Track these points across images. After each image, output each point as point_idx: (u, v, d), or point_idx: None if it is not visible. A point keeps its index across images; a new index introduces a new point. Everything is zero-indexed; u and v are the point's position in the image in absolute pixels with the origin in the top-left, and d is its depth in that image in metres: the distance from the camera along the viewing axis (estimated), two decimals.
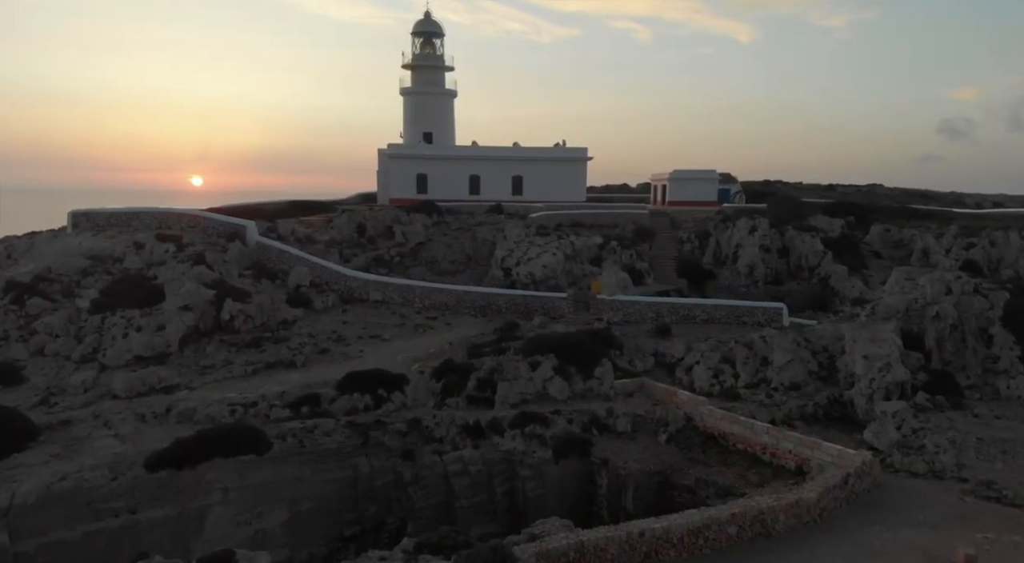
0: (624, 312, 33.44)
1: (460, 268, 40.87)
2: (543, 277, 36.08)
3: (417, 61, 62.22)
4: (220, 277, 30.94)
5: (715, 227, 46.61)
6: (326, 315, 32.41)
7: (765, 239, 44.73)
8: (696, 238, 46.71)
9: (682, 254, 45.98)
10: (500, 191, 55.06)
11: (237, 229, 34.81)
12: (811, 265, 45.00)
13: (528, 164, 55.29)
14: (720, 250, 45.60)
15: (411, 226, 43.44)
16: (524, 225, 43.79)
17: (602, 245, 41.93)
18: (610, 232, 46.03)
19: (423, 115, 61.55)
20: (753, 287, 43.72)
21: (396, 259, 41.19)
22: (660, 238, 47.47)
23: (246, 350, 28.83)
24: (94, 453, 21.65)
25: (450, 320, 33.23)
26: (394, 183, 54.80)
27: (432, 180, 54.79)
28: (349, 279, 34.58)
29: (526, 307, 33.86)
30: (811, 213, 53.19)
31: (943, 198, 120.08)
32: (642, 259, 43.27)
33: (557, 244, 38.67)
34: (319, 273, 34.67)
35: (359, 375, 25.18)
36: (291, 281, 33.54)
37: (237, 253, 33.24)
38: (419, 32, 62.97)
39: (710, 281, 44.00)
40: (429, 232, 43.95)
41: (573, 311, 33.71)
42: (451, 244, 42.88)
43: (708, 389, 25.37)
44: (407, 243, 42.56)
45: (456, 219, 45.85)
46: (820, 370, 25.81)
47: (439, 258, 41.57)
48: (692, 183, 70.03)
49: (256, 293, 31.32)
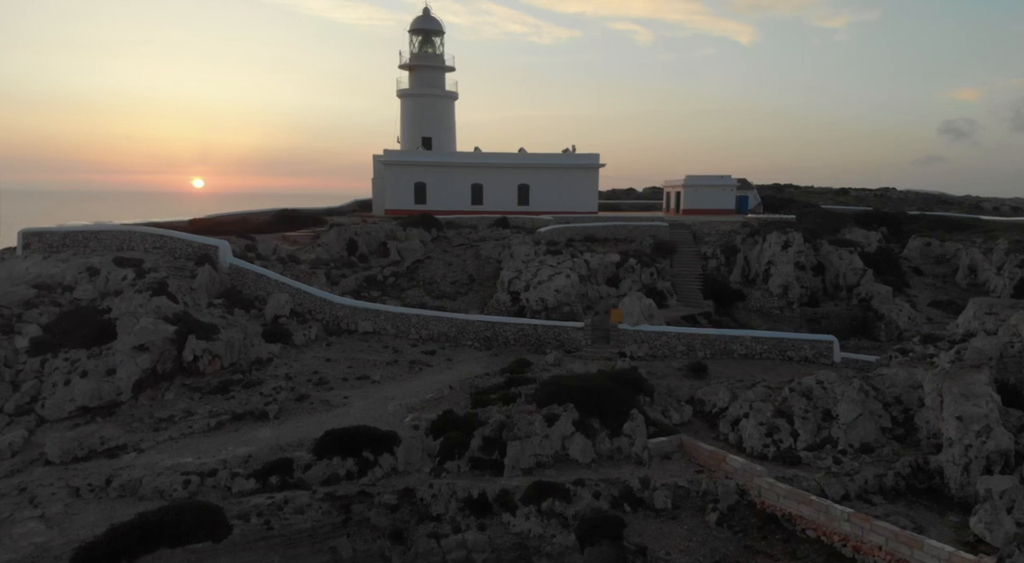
0: (650, 345, 29.16)
1: (462, 290, 36.63)
2: (556, 303, 31.80)
3: (415, 61, 58.06)
4: (184, 309, 26.68)
5: (743, 242, 42.32)
6: (308, 351, 28.15)
7: (800, 256, 40.43)
8: (722, 253, 42.43)
9: (707, 271, 41.70)
10: (505, 201, 50.82)
11: (208, 250, 30.57)
12: (849, 284, 40.70)
13: (535, 172, 51.05)
14: (749, 267, 41.31)
15: (407, 242, 39.21)
16: (532, 241, 39.55)
17: (619, 263, 37.66)
18: (627, 247, 41.78)
19: (422, 119, 57.38)
20: (787, 309, 39.45)
21: (391, 280, 36.95)
22: (682, 254, 43.19)
23: (211, 397, 24.59)
24: (11, 544, 17.43)
25: (451, 354, 28.96)
26: (390, 193, 50.57)
27: (431, 189, 50.57)
28: (335, 307, 30.34)
29: (537, 339, 29.61)
30: (844, 225, 48.92)
31: (959, 202, 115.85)
32: (663, 278, 39.00)
33: (570, 264, 34.40)
34: (301, 300, 30.43)
35: (340, 434, 20.91)
36: (268, 311, 29.28)
37: (207, 279, 28.99)
38: (417, 30, 58.81)
39: (739, 302, 39.72)
40: (427, 249, 39.73)
41: (591, 343, 29.44)
42: (452, 262, 38.66)
43: (761, 450, 21.07)
44: (403, 261, 38.34)
45: (457, 234, 41.62)
46: (895, 427, 21.48)
47: (438, 278, 37.33)
48: (708, 190, 65.88)
49: (226, 327, 27.07)
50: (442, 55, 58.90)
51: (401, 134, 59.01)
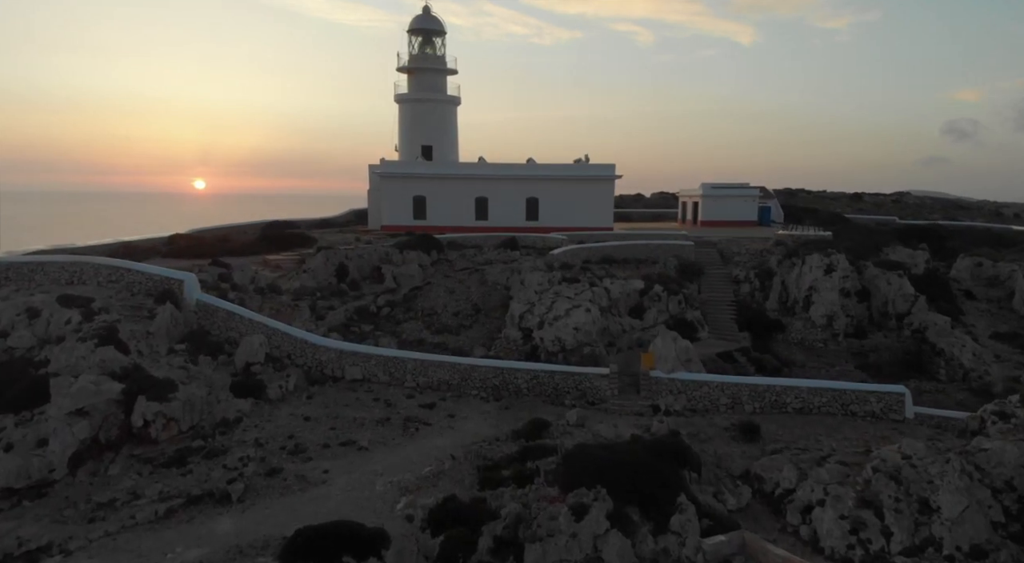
0: (688, 396, 24.84)
1: (465, 322, 32.33)
2: (575, 344, 27.48)
3: (415, 63, 53.86)
4: (135, 362, 22.38)
5: (779, 264, 37.99)
6: (284, 406, 23.84)
7: (846, 281, 36.11)
8: (756, 277, 38.10)
9: (739, 297, 37.40)
10: (512, 216, 46.56)
11: (171, 285, 26.27)
12: (899, 312, 36.38)
13: (545, 185, 46.75)
14: (787, 293, 36.98)
15: (404, 267, 34.92)
16: (545, 265, 35.27)
17: (643, 291, 33.35)
18: (649, 271, 37.48)
19: (422, 125, 53.16)
20: (832, 341, 35.14)
21: (385, 310, 32.67)
22: (710, 276, 38.89)
23: (164, 472, 20.30)
24: None
25: (453, 407, 24.66)
26: (387, 207, 46.31)
27: (432, 204, 46.30)
28: (319, 350, 26.06)
29: (554, 388, 25.31)
30: (886, 242, 44.59)
31: (978, 207, 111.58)
32: (692, 306, 34.70)
33: (589, 294, 30.09)
34: (279, 342, 26.15)
35: (315, 534, 16.61)
36: (239, 357, 24.98)
37: (167, 320, 24.69)
38: (417, 30, 54.59)
39: (778, 334, 35.42)
40: (427, 274, 35.44)
41: (618, 393, 25.13)
42: (454, 289, 34.36)
43: (845, 553, 16.76)
44: (399, 288, 34.06)
45: (460, 256, 37.33)
46: (1008, 521, 17.17)
47: (439, 309, 33.04)
48: (729, 201, 61.74)
49: (188, 380, 22.77)
50: (443, 57, 54.70)
51: (399, 142, 54.80)
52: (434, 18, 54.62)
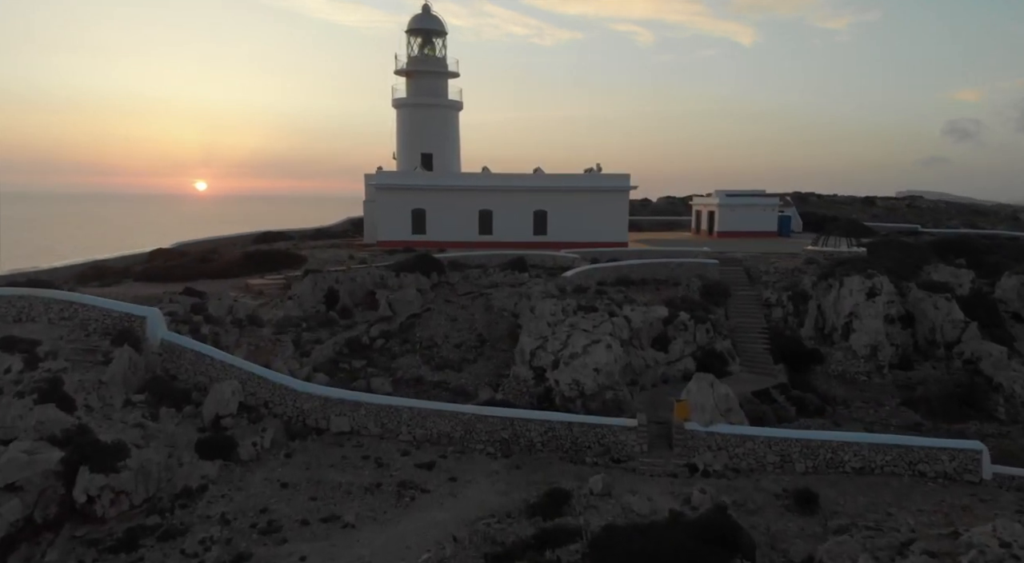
0: (730, 453, 21.41)
1: (469, 355, 28.93)
2: (596, 388, 24.04)
3: (413, 65, 50.51)
4: (80, 422, 19.01)
5: (814, 286, 34.53)
6: (258, 469, 20.44)
7: (891, 307, 32.67)
8: (788, 300, 34.62)
9: (771, 323, 33.94)
10: (518, 231, 43.19)
11: (131, 323, 22.89)
12: (948, 340, 32.94)
13: (554, 197, 43.35)
14: (824, 319, 33.53)
15: (401, 292, 31.53)
16: (556, 287, 31.88)
17: (668, 319, 29.94)
18: (671, 294, 34.08)
19: (421, 132, 49.80)
20: (876, 374, 31.69)
21: (379, 342, 29.30)
22: (737, 299, 35.45)
23: (111, 558, 16.92)
24: None
25: (455, 467, 21.26)
26: (383, 221, 42.94)
27: (432, 217, 42.93)
28: (300, 397, 22.66)
29: (573, 442, 21.89)
30: (926, 259, 41.09)
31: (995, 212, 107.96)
32: (721, 334, 31.29)
33: (609, 326, 26.67)
34: (255, 387, 22.75)
35: None
36: (208, 409, 21.59)
37: (124, 367, 21.31)
38: (416, 30, 51.24)
39: (816, 366, 31.96)
40: (426, 299, 32.04)
41: (648, 449, 21.69)
42: (456, 317, 30.97)
43: None
44: (395, 316, 30.66)
45: (463, 279, 33.93)
46: None
47: (439, 340, 29.63)
48: (747, 210, 58.33)
49: (144, 441, 19.40)
50: (444, 59, 51.35)
51: (397, 149, 51.47)
52: (434, 17, 51.28)
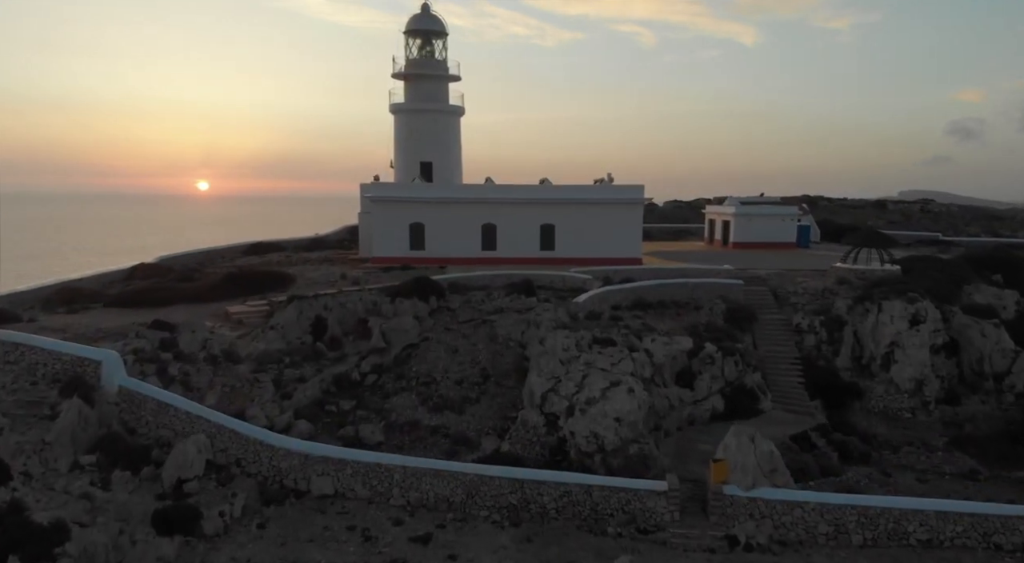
0: (775, 521, 18.31)
1: (472, 393, 25.86)
2: (618, 442, 20.92)
3: (412, 68, 47.46)
4: (15, 496, 15.94)
5: (849, 311, 31.44)
6: (225, 546, 17.35)
7: (937, 336, 29.59)
8: (821, 326, 31.50)
9: (803, 352, 30.83)
10: (524, 246, 40.14)
11: (83, 369, 19.87)
12: (997, 371, 29.89)
13: (562, 210, 40.27)
14: (862, 348, 30.44)
15: (396, 320, 28.48)
16: (567, 314, 28.81)
17: (693, 351, 26.85)
18: (694, 320, 31.03)
19: (420, 140, 46.77)
20: (922, 410, 28.62)
21: (371, 378, 26.25)
22: (765, 324, 32.36)
23: None
24: None
25: (455, 542, 18.15)
26: (379, 236, 39.89)
27: (431, 232, 39.88)
28: (277, 453, 19.59)
29: (592, 509, 18.80)
30: (965, 277, 37.94)
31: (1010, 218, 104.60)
32: (750, 366, 28.23)
33: (630, 363, 23.60)
34: (226, 443, 19.69)
35: None
36: (169, 471, 18.51)
37: (73, 423, 18.26)
38: (415, 31, 48.18)
39: (855, 401, 28.89)
40: (424, 327, 28.97)
41: (680, 517, 18.60)
42: (457, 348, 27.89)
43: None
44: (389, 348, 27.62)
45: (465, 304, 30.85)
46: None
47: (438, 375, 26.57)
48: (765, 220, 55.24)
49: (89, 520, 16.33)
50: (445, 61, 48.31)
51: (395, 157, 48.41)
52: (434, 17, 48.24)
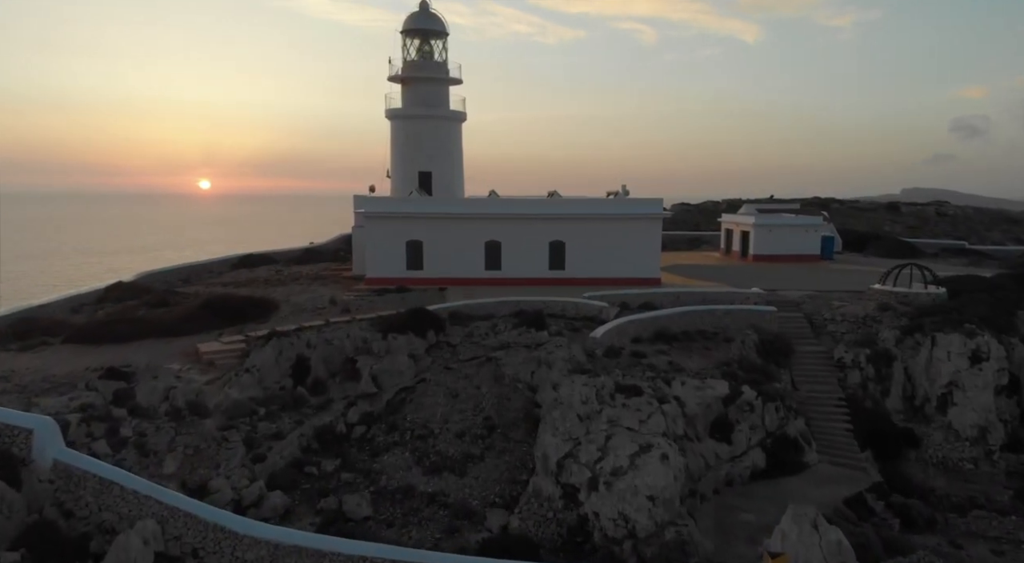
0: None
1: (475, 449, 22.47)
2: (651, 527, 17.49)
3: (410, 71, 44.14)
4: None
5: (897, 343, 28.05)
6: None
7: (1002, 376, 26.19)
8: (867, 361, 28.08)
9: (848, 390, 27.43)
10: (531, 265, 36.76)
11: (13, 439, 16.51)
12: None
13: (573, 226, 36.86)
14: (913, 387, 27.07)
15: (389, 359, 25.12)
16: (583, 351, 25.46)
17: (729, 398, 23.44)
18: (724, 354, 27.63)
19: (418, 148, 43.45)
20: (985, 461, 25.24)
21: (359, 430, 22.90)
22: (803, 358, 28.99)
23: None
24: None
25: None
26: (373, 255, 36.51)
27: (430, 250, 36.51)
28: (242, 543, 16.20)
29: None
30: (1017, 302, 34.44)
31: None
32: (792, 410, 24.81)
33: (661, 419, 20.22)
34: (181, 529, 16.32)
35: None
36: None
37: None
38: (413, 30, 44.84)
39: (911, 450, 25.51)
40: (420, 366, 25.61)
41: None
42: (458, 391, 24.52)
43: None
44: (381, 392, 24.26)
45: (467, 337, 27.48)
46: None
47: (436, 426, 23.19)
48: (787, 231, 51.89)
49: None
50: (445, 63, 44.96)
51: (392, 166, 45.09)
52: (433, 16, 44.87)
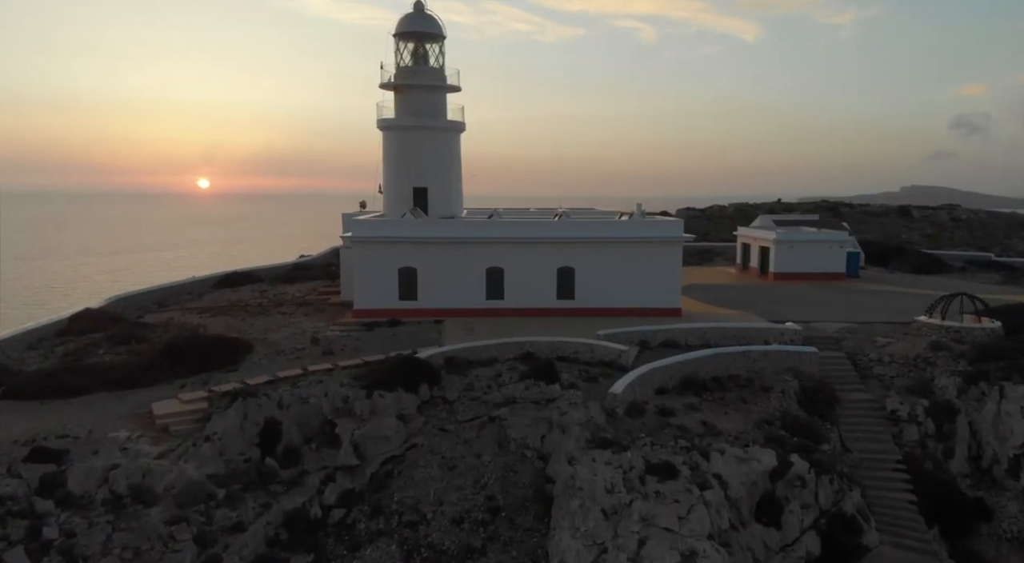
0: None
1: (475, 538, 18.84)
2: None
3: (404, 78, 40.49)
4: None
5: (960, 394, 24.42)
6: None
7: None
8: (926, 415, 24.45)
9: (904, 448, 23.79)
10: (537, 294, 33.09)
11: None
12: None
13: (584, 250, 33.16)
14: (980, 445, 23.46)
15: (374, 421, 21.50)
16: (603, 412, 21.82)
17: (776, 472, 19.82)
18: (763, 409, 23.97)
19: (413, 162, 39.84)
20: None
21: (336, 513, 19.30)
22: (850, 408, 25.36)
23: None
24: None
25: None
26: (362, 285, 32.83)
27: (426, 278, 32.84)
28: None
29: None
30: None
31: None
32: (846, 479, 21.16)
33: (702, 510, 16.65)
34: None
35: None
36: None
37: None
38: (407, 34, 41.16)
39: (982, 523, 21.90)
40: (411, 429, 21.97)
41: None
42: (455, 462, 20.89)
43: None
44: (364, 465, 20.64)
45: (465, 391, 23.77)
46: None
47: (429, 508, 19.56)
48: (811, 248, 48.34)
49: None
50: (442, 69, 41.31)
51: (384, 182, 41.45)
52: (429, 18, 41.17)
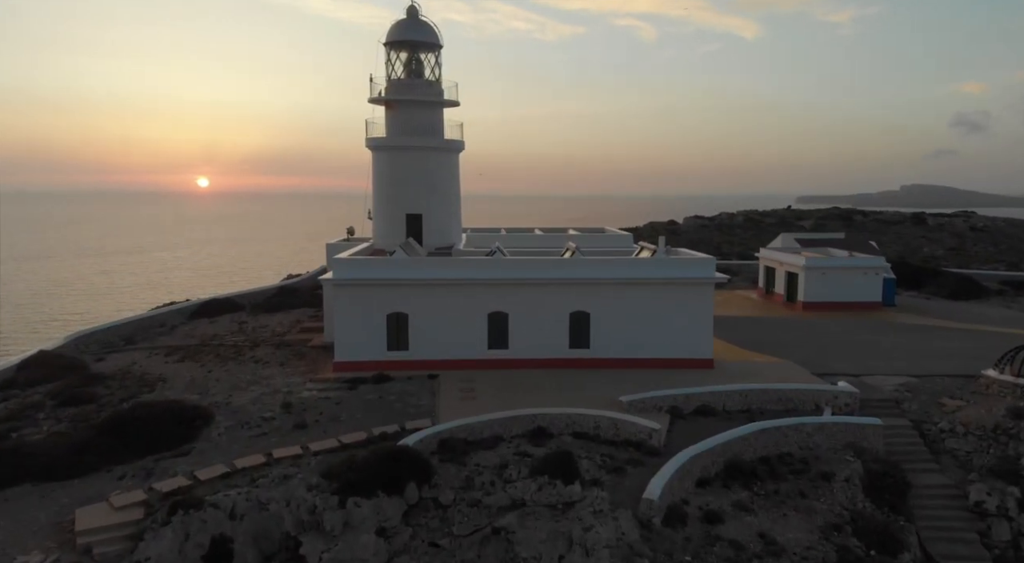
0: None
1: None
2: None
3: (396, 93, 36.29)
4: None
5: None
6: None
7: None
8: (1017, 506, 20.18)
9: (994, 549, 19.54)
10: (547, 343, 28.79)
11: None
12: None
13: (600, 292, 28.83)
14: None
15: (346, 540, 17.24)
16: (637, 525, 17.55)
17: None
18: (828, 505, 19.68)
19: (406, 186, 35.69)
20: None
21: None
22: (923, 496, 21.11)
23: None
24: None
25: None
26: (344, 333, 28.56)
27: (419, 324, 28.54)
28: None
29: None
30: None
31: None
32: None
33: None
34: None
35: None
36: None
37: None
38: (399, 42, 36.93)
39: None
40: (394, 547, 17.64)
41: None
42: None
43: None
44: None
45: (462, 494, 19.38)
46: None
47: None
48: (844, 274, 44.17)
49: None
50: (438, 82, 37.11)
51: (374, 206, 37.26)
52: (424, 25, 36.93)
